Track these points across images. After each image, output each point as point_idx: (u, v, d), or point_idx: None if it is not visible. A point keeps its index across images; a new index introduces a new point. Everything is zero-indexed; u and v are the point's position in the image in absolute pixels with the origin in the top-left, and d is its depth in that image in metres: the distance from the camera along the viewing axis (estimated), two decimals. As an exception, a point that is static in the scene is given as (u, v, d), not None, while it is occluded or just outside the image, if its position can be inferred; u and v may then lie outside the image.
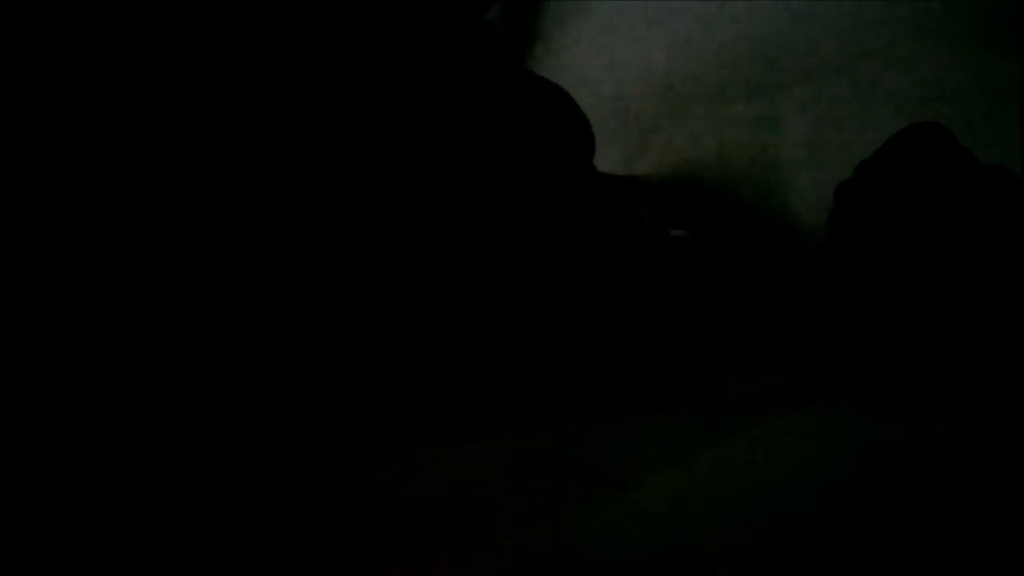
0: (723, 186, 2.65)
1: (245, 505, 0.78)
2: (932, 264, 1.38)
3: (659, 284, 2.36)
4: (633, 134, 3.12)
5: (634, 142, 3.10)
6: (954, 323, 1.33)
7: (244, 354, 1.14)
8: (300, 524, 0.72)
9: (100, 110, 1.23)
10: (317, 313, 1.21)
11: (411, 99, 1.36)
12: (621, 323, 2.12)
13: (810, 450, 0.99)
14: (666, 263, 2.48)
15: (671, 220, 2.63)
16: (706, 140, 2.75)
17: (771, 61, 2.47)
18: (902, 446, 0.98)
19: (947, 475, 0.86)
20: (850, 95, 2.16)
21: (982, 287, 1.34)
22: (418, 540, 0.68)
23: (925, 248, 1.40)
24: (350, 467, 0.91)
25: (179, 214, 1.26)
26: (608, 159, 3.21)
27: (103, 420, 1.04)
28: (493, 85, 1.57)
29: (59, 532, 0.72)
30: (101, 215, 1.28)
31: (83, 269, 1.22)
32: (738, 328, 2.18)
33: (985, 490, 0.81)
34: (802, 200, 2.35)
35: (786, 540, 0.68)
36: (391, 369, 1.19)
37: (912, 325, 1.37)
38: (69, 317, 1.13)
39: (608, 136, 3.32)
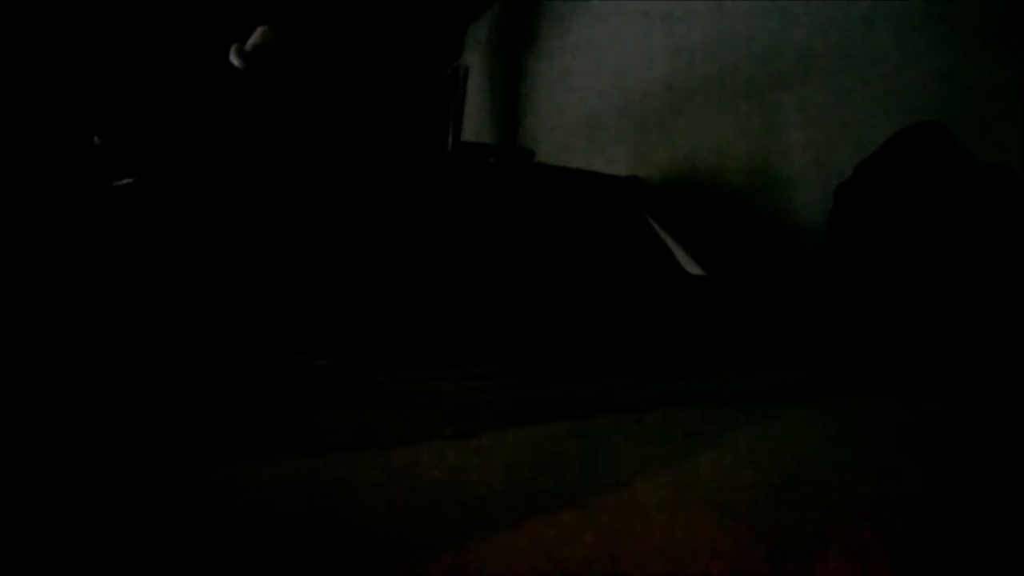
0: (724, 186, 2.65)
1: (233, 506, 0.78)
2: (931, 264, 1.38)
3: (661, 283, 2.36)
4: (634, 134, 3.12)
5: (635, 142, 3.11)
6: (952, 322, 1.33)
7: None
8: (300, 523, 0.72)
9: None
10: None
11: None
12: (624, 319, 2.13)
13: (806, 447, 0.99)
14: (669, 264, 2.48)
15: (670, 221, 2.63)
16: (706, 141, 2.75)
17: (771, 62, 2.47)
18: (895, 443, 0.99)
19: (939, 471, 0.87)
20: (850, 95, 2.16)
21: (980, 287, 1.34)
22: (418, 540, 0.69)
23: (924, 248, 1.40)
24: (350, 466, 0.91)
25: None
26: (610, 159, 3.20)
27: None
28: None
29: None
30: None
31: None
32: (737, 327, 2.18)
33: (975, 484, 0.82)
34: (802, 200, 2.35)
35: (783, 537, 0.69)
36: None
37: (910, 324, 1.37)
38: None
39: (610, 136, 3.32)
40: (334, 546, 0.66)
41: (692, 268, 2.54)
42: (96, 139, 1.95)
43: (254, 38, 2.89)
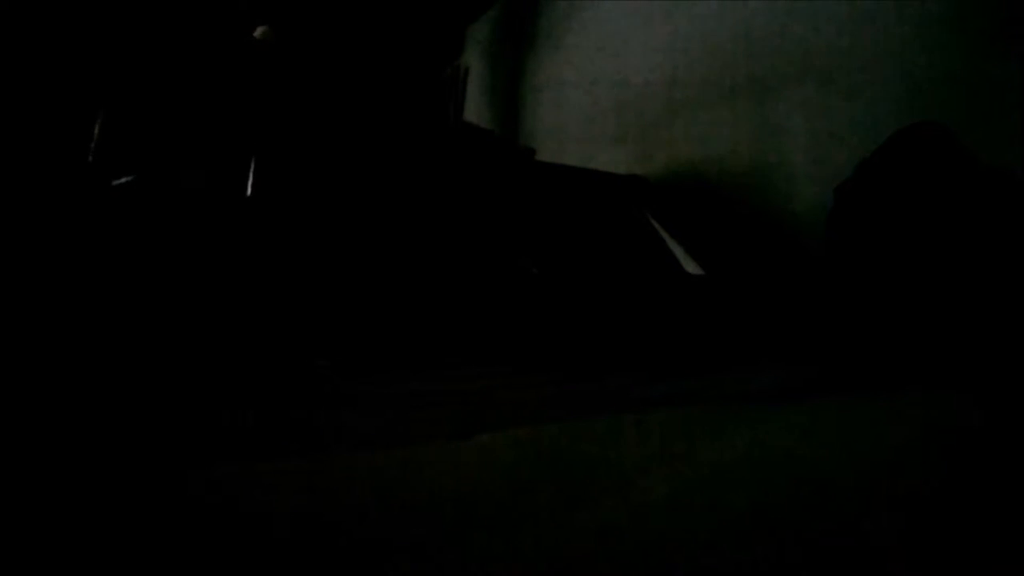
0: (724, 185, 2.65)
1: (233, 506, 0.78)
2: (931, 263, 1.38)
3: (662, 281, 2.36)
4: (635, 134, 3.12)
5: (636, 142, 3.11)
6: (951, 321, 1.33)
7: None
8: (300, 523, 0.72)
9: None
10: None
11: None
12: (625, 319, 2.13)
13: (806, 447, 0.99)
14: (670, 262, 2.48)
15: (672, 221, 2.63)
16: (707, 140, 2.75)
17: (771, 62, 2.47)
18: (895, 443, 0.98)
19: (938, 470, 0.86)
20: (849, 95, 2.16)
21: (981, 286, 1.34)
22: (418, 540, 0.68)
23: (925, 247, 1.40)
24: (351, 467, 0.91)
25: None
26: (611, 158, 3.20)
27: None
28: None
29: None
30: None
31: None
32: (738, 325, 2.18)
33: (974, 483, 0.81)
34: (802, 199, 2.35)
35: (782, 536, 0.69)
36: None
37: (909, 324, 1.37)
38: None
39: (611, 136, 3.32)
40: (334, 546, 0.66)
41: (693, 267, 2.54)
42: (101, 112, 1.94)
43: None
